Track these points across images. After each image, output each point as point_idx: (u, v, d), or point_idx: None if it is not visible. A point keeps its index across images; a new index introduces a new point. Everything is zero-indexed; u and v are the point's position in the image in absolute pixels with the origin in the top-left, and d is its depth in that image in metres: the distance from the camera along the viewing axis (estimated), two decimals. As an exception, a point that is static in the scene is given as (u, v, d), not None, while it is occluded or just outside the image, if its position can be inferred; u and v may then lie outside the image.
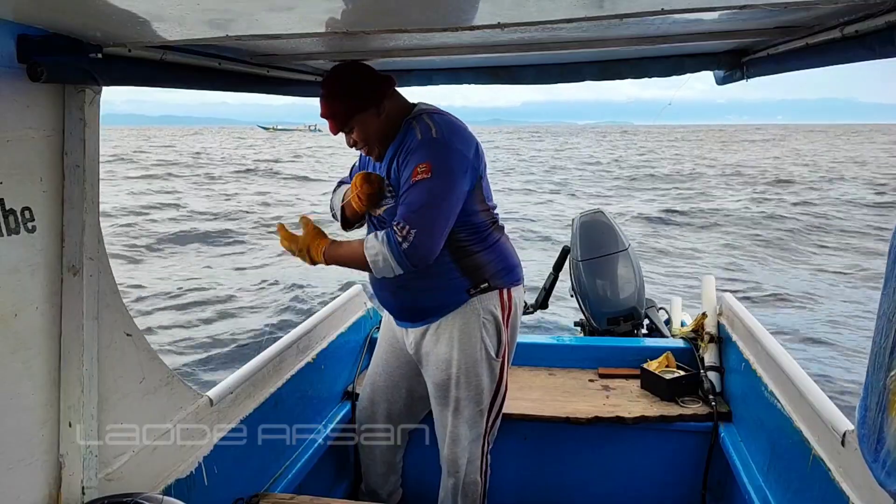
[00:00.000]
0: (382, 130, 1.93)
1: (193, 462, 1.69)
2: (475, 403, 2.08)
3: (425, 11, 1.15)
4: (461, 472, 2.13)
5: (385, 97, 1.91)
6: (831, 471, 1.56)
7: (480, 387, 2.07)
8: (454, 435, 2.11)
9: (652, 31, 1.57)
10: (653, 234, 13.51)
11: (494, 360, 2.07)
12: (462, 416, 2.09)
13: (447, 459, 2.14)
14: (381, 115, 1.91)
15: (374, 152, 1.97)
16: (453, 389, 2.07)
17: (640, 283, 3.44)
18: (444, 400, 2.10)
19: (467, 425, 2.10)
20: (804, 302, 8.48)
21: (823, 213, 16.25)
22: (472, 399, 2.07)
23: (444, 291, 2.01)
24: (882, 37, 1.12)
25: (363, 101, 1.88)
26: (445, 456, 2.14)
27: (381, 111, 1.90)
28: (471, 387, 2.06)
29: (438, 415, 2.15)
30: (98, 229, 1.33)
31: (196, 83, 1.55)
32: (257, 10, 1.10)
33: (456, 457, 2.12)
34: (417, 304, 2.06)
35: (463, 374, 2.05)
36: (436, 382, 2.10)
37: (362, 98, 1.88)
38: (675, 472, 2.46)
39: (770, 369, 2.06)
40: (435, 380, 2.10)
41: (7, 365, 1.19)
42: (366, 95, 1.88)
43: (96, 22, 1.15)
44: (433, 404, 2.16)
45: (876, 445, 0.94)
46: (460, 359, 2.04)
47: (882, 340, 0.94)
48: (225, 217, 15.35)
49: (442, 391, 2.09)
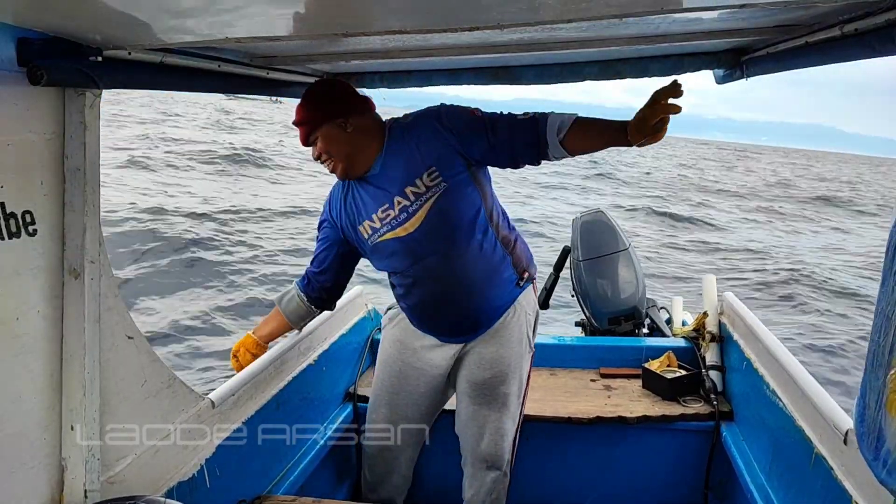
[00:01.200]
0: (350, 147, 1.88)
1: (195, 464, 1.68)
2: (517, 397, 2.11)
3: (425, 12, 1.15)
4: (505, 467, 2.14)
5: (355, 112, 1.87)
6: (833, 469, 1.56)
7: (523, 379, 2.12)
8: (501, 431, 2.10)
9: (652, 31, 1.57)
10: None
11: (531, 352, 2.14)
12: (508, 410, 2.10)
13: (489, 454, 2.11)
14: (348, 131, 1.86)
15: (339, 168, 1.91)
16: (499, 386, 2.06)
17: (641, 283, 3.45)
18: (489, 397, 2.07)
19: (512, 420, 2.12)
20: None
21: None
22: (516, 393, 2.10)
23: (503, 289, 1.99)
24: (882, 35, 1.12)
25: (331, 111, 1.86)
26: (487, 452, 2.10)
27: (349, 126, 1.86)
28: (515, 381, 2.08)
29: (478, 413, 2.09)
30: (99, 232, 1.33)
31: (196, 86, 1.55)
32: (257, 12, 1.10)
33: (502, 451, 2.11)
34: (480, 315, 2.00)
35: (511, 370, 2.06)
36: (478, 382, 2.07)
37: (330, 109, 1.86)
38: (677, 472, 2.46)
39: (771, 368, 2.06)
40: (477, 379, 2.07)
41: (8, 368, 1.19)
42: (335, 107, 1.86)
43: (96, 25, 1.15)
44: (468, 402, 2.10)
45: (876, 444, 0.94)
46: (510, 356, 2.05)
47: (881, 339, 0.94)
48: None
49: (486, 389, 2.07)
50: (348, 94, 1.92)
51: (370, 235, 1.96)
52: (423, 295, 1.98)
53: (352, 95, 1.93)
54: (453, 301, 1.96)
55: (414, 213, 1.87)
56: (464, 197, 1.88)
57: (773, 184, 34.22)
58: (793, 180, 39.66)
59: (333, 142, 1.87)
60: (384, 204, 1.91)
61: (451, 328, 2.05)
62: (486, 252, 1.92)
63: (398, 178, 1.88)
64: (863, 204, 26.42)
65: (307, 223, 11.37)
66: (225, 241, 9.85)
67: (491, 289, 1.96)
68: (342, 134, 1.86)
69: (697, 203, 21.10)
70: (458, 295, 1.94)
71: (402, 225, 1.90)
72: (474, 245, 1.90)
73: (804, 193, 29.41)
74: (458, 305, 1.97)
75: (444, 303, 1.97)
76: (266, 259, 9.22)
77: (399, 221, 1.90)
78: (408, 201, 1.87)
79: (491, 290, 1.96)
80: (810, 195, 28.49)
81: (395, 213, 1.90)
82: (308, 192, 15.00)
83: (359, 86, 2.25)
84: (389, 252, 1.95)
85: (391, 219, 1.91)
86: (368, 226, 1.96)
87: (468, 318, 2.00)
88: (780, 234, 16.37)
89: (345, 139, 1.87)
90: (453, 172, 1.86)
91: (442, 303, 1.97)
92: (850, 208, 24.61)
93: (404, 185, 1.87)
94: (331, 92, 1.90)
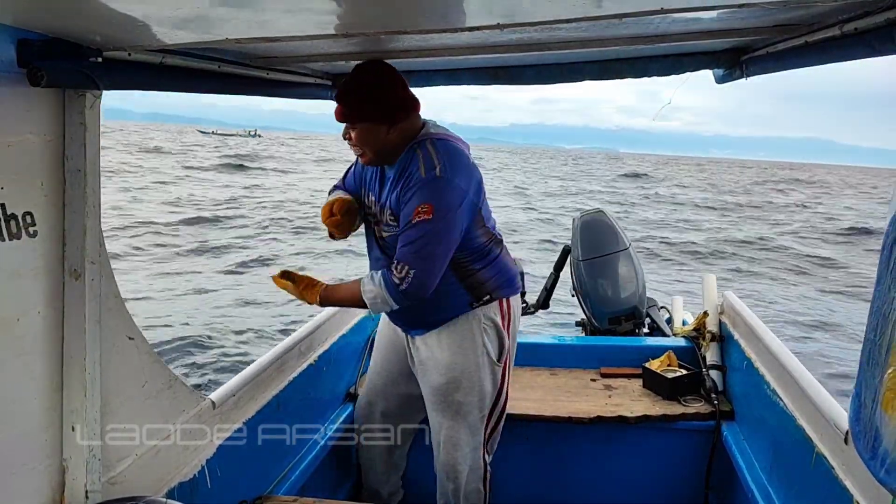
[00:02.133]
0: (384, 145, 1.91)
1: (196, 465, 1.69)
2: (478, 409, 2.09)
3: (425, 13, 1.15)
4: (461, 479, 2.12)
5: (402, 119, 1.90)
6: (834, 468, 1.56)
7: (483, 391, 2.07)
8: (454, 440, 2.10)
9: (651, 31, 1.57)
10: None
11: (496, 365, 2.09)
12: (464, 420, 2.08)
13: (445, 464, 2.13)
14: (390, 133, 1.89)
15: (365, 157, 1.97)
16: (454, 393, 2.07)
17: (642, 283, 3.45)
18: (443, 404, 2.09)
19: (469, 431, 2.09)
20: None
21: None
22: (475, 404, 2.08)
23: (450, 306, 2.05)
24: (882, 34, 1.12)
25: (379, 112, 1.87)
26: (443, 461, 2.13)
27: (393, 129, 1.89)
28: (473, 391, 2.07)
29: (435, 420, 2.14)
30: (99, 233, 1.33)
31: (196, 86, 1.55)
32: (257, 13, 1.10)
33: (455, 462, 2.11)
34: (424, 318, 2.09)
35: (465, 377, 2.05)
36: (435, 387, 2.09)
37: (379, 109, 1.87)
38: (678, 471, 2.46)
39: (772, 367, 2.06)
40: (434, 384, 2.10)
41: (9, 369, 1.19)
42: (384, 109, 1.87)
43: (96, 26, 1.15)
44: (430, 410, 2.15)
45: (873, 443, 0.94)
46: (462, 363, 2.06)
47: (877, 337, 0.94)
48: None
49: (440, 395, 2.09)
50: (400, 99, 1.90)
51: (367, 206, 2.10)
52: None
53: (403, 100, 1.92)
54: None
55: (384, 229, 2.01)
56: None
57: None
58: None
59: (370, 139, 1.90)
60: (380, 197, 2.01)
61: (397, 321, 2.20)
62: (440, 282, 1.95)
63: (390, 191, 1.95)
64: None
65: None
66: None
67: (433, 305, 1.98)
68: (380, 135, 1.89)
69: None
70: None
71: (380, 225, 2.04)
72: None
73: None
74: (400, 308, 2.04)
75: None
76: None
77: (378, 220, 2.03)
78: (384, 217, 1.99)
79: (432, 305, 1.99)
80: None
81: (375, 210, 2.05)
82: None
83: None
84: (371, 232, 2.11)
85: (377, 213, 2.04)
86: (371, 197, 2.08)
87: (408, 319, 2.13)
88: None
89: (381, 140, 1.90)
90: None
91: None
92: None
93: (387, 200, 1.97)
94: (385, 94, 1.87)
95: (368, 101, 1.86)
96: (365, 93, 1.86)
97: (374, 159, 1.96)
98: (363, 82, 1.86)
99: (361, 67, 1.87)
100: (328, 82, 2.21)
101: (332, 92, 2.23)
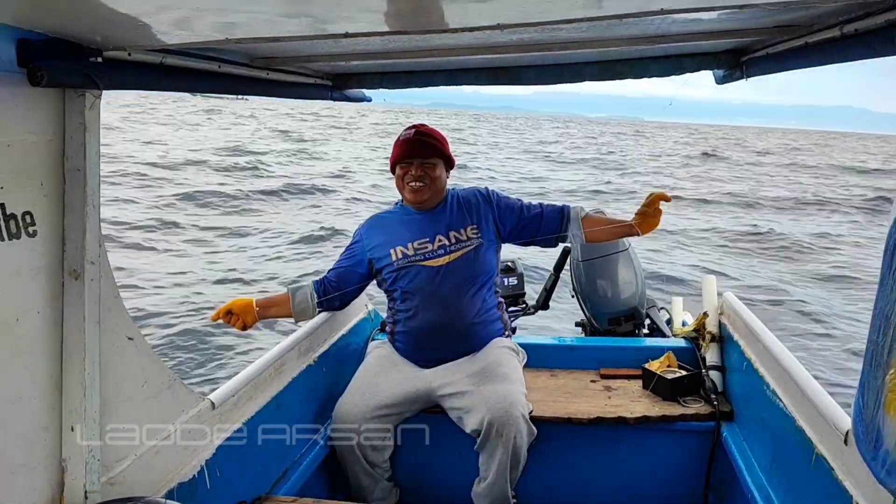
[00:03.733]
0: (440, 184, 2.42)
1: (196, 465, 1.69)
2: (520, 382, 2.32)
3: (425, 13, 1.15)
4: (516, 437, 2.19)
5: (450, 168, 2.48)
6: (834, 469, 1.56)
7: (520, 374, 2.38)
8: (510, 399, 2.18)
9: (651, 31, 1.57)
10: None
11: (521, 359, 2.53)
12: (513, 385, 2.25)
13: (500, 421, 2.15)
14: (446, 175, 2.45)
15: (424, 192, 2.38)
16: (497, 368, 2.30)
17: (641, 283, 3.44)
18: (492, 376, 2.27)
19: (521, 391, 2.28)
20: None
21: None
22: (517, 378, 2.32)
23: (488, 330, 2.43)
24: (882, 35, 1.12)
25: (449, 158, 2.45)
26: (499, 419, 2.15)
27: (447, 172, 2.46)
28: (512, 367, 2.35)
29: (485, 389, 2.24)
30: (99, 233, 1.33)
31: (196, 86, 1.55)
32: (257, 13, 1.10)
33: (511, 417, 2.16)
34: (464, 342, 2.39)
35: (504, 357, 2.37)
36: (477, 370, 2.31)
37: (449, 156, 2.46)
38: (678, 472, 2.46)
39: (772, 368, 2.06)
40: (476, 368, 2.32)
41: (9, 369, 1.19)
42: (450, 157, 2.46)
43: (96, 26, 1.15)
44: (471, 389, 2.26)
45: (874, 444, 0.94)
46: (498, 352, 2.39)
47: (880, 339, 0.94)
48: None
49: (488, 371, 2.29)
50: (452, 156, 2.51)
51: (398, 259, 2.38)
52: (428, 317, 2.36)
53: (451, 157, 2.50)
54: (448, 326, 2.36)
55: (449, 252, 2.37)
56: (487, 257, 2.42)
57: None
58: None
59: (438, 175, 2.40)
60: (424, 238, 2.39)
61: (438, 348, 2.40)
62: (486, 303, 2.43)
63: (446, 222, 2.41)
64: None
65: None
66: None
67: (480, 328, 2.40)
68: (444, 174, 2.44)
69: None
70: (453, 323, 2.35)
71: (436, 258, 2.37)
72: (480, 293, 2.40)
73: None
74: (451, 330, 2.36)
75: (441, 326, 2.35)
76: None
77: (434, 255, 2.37)
78: (448, 242, 2.38)
79: (479, 328, 2.40)
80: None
81: (432, 247, 2.38)
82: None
83: (359, 86, 2.25)
84: (414, 275, 2.36)
85: (427, 251, 2.38)
86: (400, 251, 2.39)
87: (455, 343, 2.39)
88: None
89: (443, 179, 2.45)
90: (488, 235, 2.43)
91: (439, 325, 2.35)
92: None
93: (449, 229, 2.40)
94: (447, 147, 2.47)
95: (445, 147, 2.43)
96: (442, 137, 2.46)
97: (431, 196, 2.41)
98: (436, 131, 2.46)
99: (426, 129, 2.46)
100: (328, 82, 2.21)
101: (331, 92, 2.24)
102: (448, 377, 2.33)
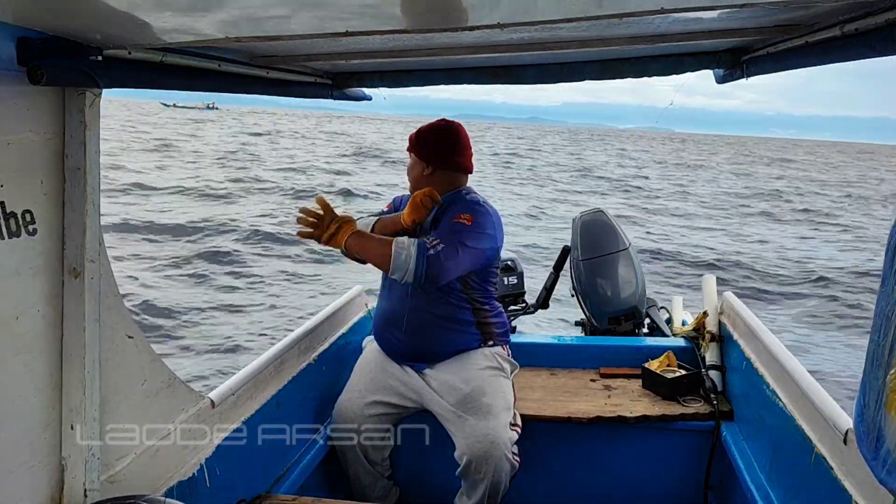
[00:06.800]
0: (414, 181, 2.32)
1: (195, 464, 1.69)
2: (505, 411, 2.21)
3: (425, 12, 1.15)
4: (494, 474, 2.15)
5: (438, 167, 2.27)
6: (833, 469, 1.56)
7: (507, 397, 2.25)
8: (490, 437, 2.13)
9: (652, 30, 1.57)
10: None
11: (509, 380, 2.32)
12: (496, 419, 2.17)
13: (479, 458, 2.14)
14: (424, 174, 2.28)
15: (411, 186, 2.33)
16: (480, 398, 2.20)
17: (641, 283, 3.44)
18: (473, 408, 2.19)
19: (503, 428, 2.17)
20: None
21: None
22: (502, 406, 2.21)
23: (461, 341, 2.29)
24: (882, 35, 1.12)
25: (422, 153, 2.29)
26: (478, 456, 2.14)
27: (427, 171, 2.28)
28: (498, 395, 2.22)
29: (466, 423, 2.18)
30: (99, 231, 1.33)
31: (196, 85, 1.55)
32: (258, 12, 1.10)
33: (489, 456, 2.13)
34: (434, 348, 2.29)
35: (488, 384, 2.23)
36: (460, 399, 2.21)
37: (424, 151, 2.29)
38: (677, 472, 2.46)
39: (771, 368, 2.06)
40: (459, 397, 2.22)
41: (8, 368, 1.19)
42: (426, 153, 2.29)
43: (96, 24, 1.15)
44: (456, 416, 2.20)
45: (875, 443, 0.94)
46: (483, 375, 2.25)
47: (881, 338, 0.94)
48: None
49: (469, 401, 2.20)
50: (446, 152, 2.30)
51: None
52: (389, 304, 2.33)
53: (449, 154, 2.30)
54: (401, 318, 2.28)
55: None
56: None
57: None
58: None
59: (411, 169, 2.35)
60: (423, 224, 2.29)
61: (400, 350, 2.33)
62: (454, 309, 2.26)
63: (434, 214, 2.27)
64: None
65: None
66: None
67: (442, 331, 2.27)
68: (419, 172, 2.30)
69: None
70: (411, 319, 2.27)
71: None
72: (446, 298, 2.24)
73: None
74: (408, 331, 2.28)
75: (395, 317, 2.30)
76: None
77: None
78: (420, 233, 2.24)
79: (441, 332, 2.27)
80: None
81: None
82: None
83: (359, 85, 2.25)
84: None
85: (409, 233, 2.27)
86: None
87: (415, 349, 2.30)
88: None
89: (416, 174, 2.32)
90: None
91: (394, 315, 2.30)
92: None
93: (430, 223, 2.26)
94: (436, 141, 2.30)
95: (424, 140, 2.30)
96: (427, 134, 2.31)
97: (410, 188, 2.34)
98: (433, 129, 2.31)
99: (442, 123, 2.34)
100: (328, 81, 2.21)
101: (332, 91, 2.24)
102: (433, 395, 2.26)
